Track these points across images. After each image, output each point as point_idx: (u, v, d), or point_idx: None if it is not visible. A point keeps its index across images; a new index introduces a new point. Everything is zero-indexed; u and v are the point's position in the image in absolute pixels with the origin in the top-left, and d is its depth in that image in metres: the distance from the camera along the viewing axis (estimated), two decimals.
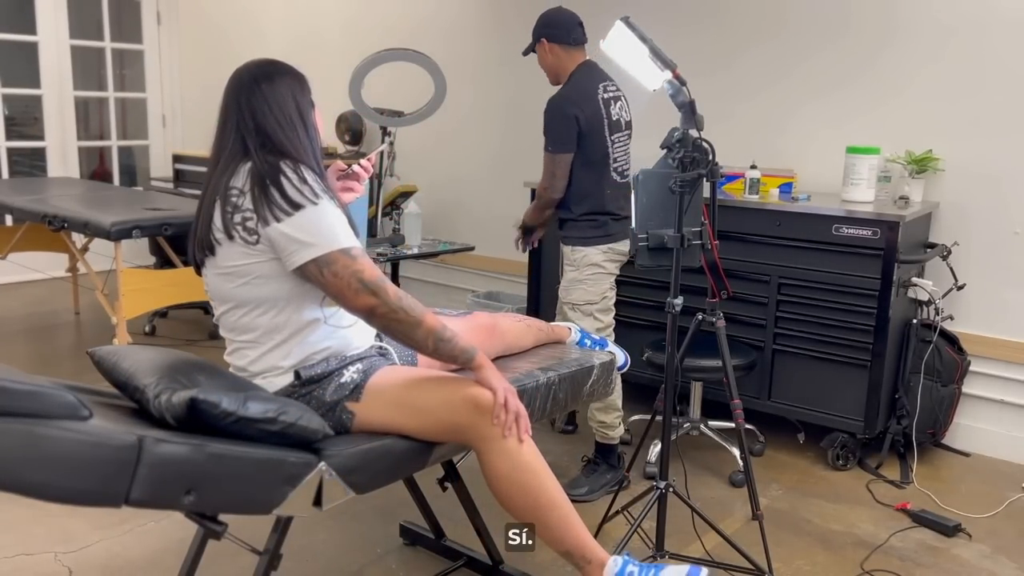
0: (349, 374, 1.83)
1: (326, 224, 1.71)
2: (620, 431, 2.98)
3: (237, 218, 1.72)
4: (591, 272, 2.93)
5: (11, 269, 5.21)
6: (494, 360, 2.23)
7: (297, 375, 1.80)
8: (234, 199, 1.74)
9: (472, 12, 4.73)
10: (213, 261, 1.79)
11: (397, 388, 1.83)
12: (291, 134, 1.81)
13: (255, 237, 1.72)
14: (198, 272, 1.87)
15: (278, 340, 1.81)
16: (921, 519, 2.76)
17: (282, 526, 1.72)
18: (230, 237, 1.74)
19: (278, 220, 1.69)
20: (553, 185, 2.90)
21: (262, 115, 1.80)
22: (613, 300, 3.00)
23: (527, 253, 3.68)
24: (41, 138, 5.98)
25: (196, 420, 1.55)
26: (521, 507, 1.81)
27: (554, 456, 3.21)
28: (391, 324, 1.75)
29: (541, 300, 3.87)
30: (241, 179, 1.75)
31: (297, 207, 1.69)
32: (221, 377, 1.78)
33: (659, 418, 2.32)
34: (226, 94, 1.85)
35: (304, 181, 1.72)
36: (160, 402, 1.58)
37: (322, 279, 1.71)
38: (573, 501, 2.88)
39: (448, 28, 4.80)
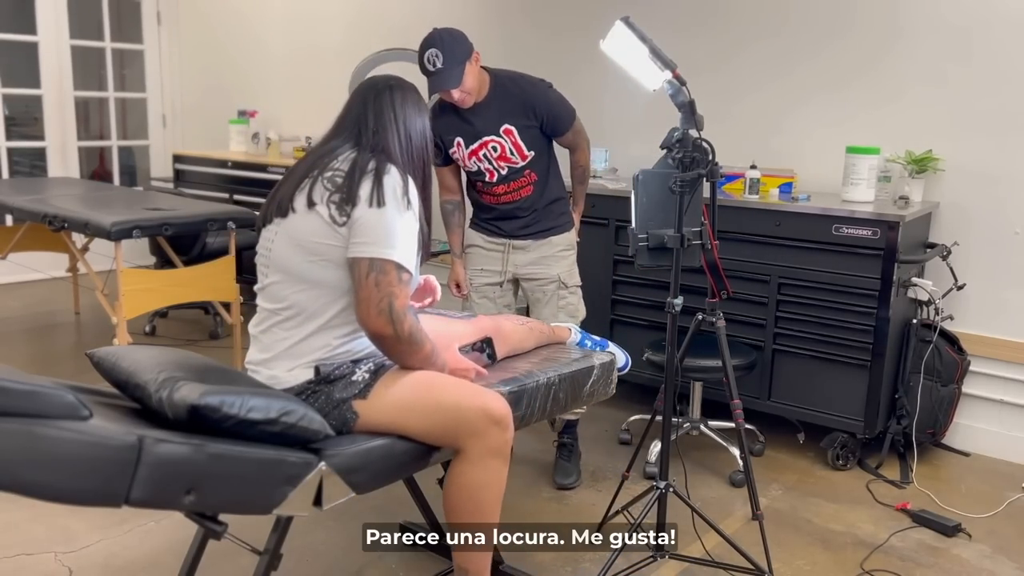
0: (360, 373, 1.85)
1: (404, 236, 1.76)
2: None
3: (335, 197, 1.77)
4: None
5: (11, 269, 5.21)
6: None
7: (317, 371, 1.82)
8: (338, 179, 1.79)
9: (472, 12, 4.73)
10: (286, 227, 1.82)
11: (406, 388, 1.83)
12: (407, 146, 1.88)
13: (344, 219, 1.75)
14: (257, 232, 1.92)
15: (314, 327, 1.82)
16: (921, 519, 2.76)
17: (282, 526, 1.72)
18: (311, 206, 1.78)
19: (370, 206, 1.74)
20: None
21: (387, 119, 1.88)
22: None
23: None
24: (41, 138, 5.98)
25: (197, 424, 1.55)
26: (463, 518, 1.88)
27: (551, 456, 3.20)
28: (387, 350, 1.83)
29: None
30: (348, 164, 1.81)
31: (388, 205, 1.75)
32: (222, 374, 1.78)
33: (659, 418, 2.32)
34: (357, 90, 1.95)
35: (406, 190, 1.78)
36: (161, 397, 1.58)
37: (364, 281, 1.74)
38: (566, 489, 2.94)
39: (451, 26, 4.78)
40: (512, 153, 2.82)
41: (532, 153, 2.84)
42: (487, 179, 2.89)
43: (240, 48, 5.99)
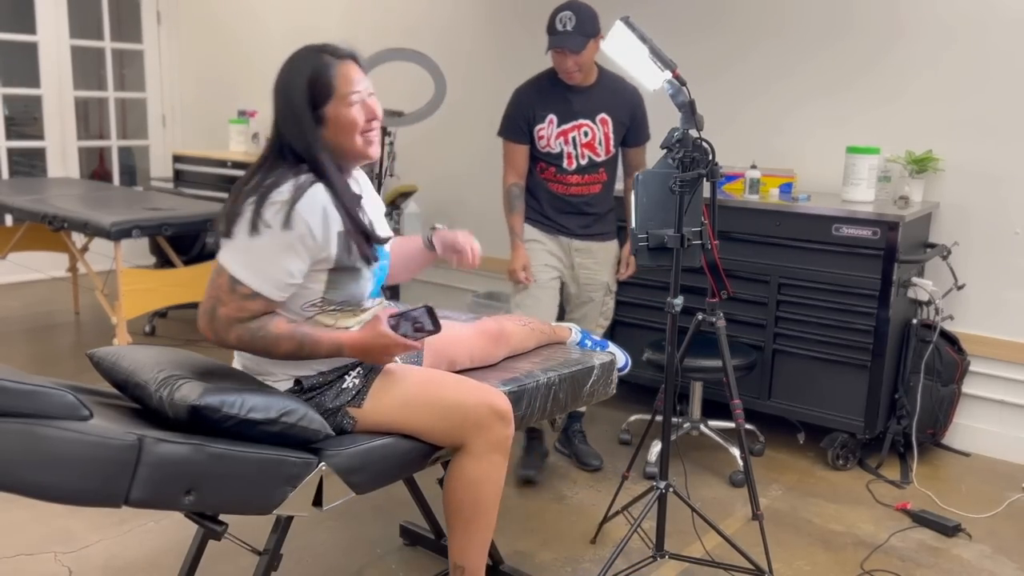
0: (350, 379, 1.82)
1: (262, 256, 1.66)
2: None
3: (228, 218, 1.72)
4: None
5: (11, 269, 5.22)
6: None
7: (298, 382, 1.80)
8: (240, 200, 1.73)
9: (471, 11, 4.73)
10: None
11: (404, 388, 1.82)
12: (292, 128, 1.77)
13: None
14: None
15: None
16: (921, 519, 2.76)
17: (282, 526, 1.72)
18: (225, 231, 1.74)
19: (249, 230, 1.67)
20: None
21: (277, 109, 1.81)
22: None
23: None
24: (41, 138, 5.98)
25: (196, 427, 1.55)
26: (462, 513, 1.86)
27: (555, 456, 3.20)
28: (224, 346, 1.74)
29: None
30: (255, 181, 1.74)
31: (261, 229, 1.66)
32: (222, 374, 1.78)
33: (659, 418, 2.32)
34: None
35: (291, 203, 1.65)
36: (161, 396, 1.58)
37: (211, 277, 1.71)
38: (598, 469, 3.07)
39: (447, 27, 4.80)
40: (600, 144, 2.90)
41: (612, 152, 2.94)
42: (564, 165, 2.92)
43: (240, 48, 5.99)
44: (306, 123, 1.77)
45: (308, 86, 1.77)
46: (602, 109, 2.88)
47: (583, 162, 2.91)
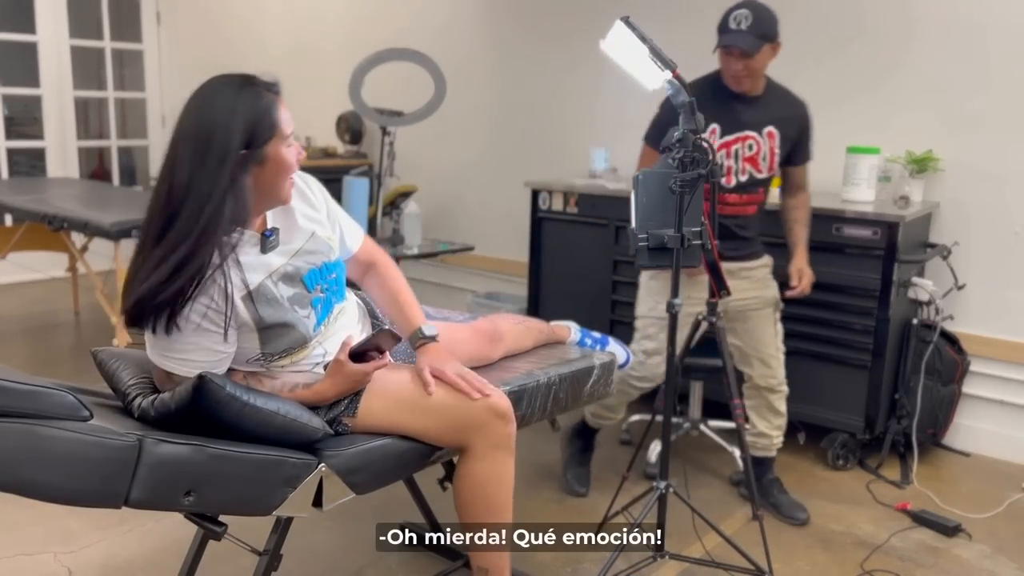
0: None
1: (170, 347, 1.62)
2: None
3: None
4: None
5: (11, 269, 5.21)
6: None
7: None
8: None
9: (472, 12, 4.73)
10: None
11: (397, 390, 1.82)
12: (202, 181, 1.55)
13: None
14: None
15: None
16: (921, 519, 2.76)
17: (282, 527, 1.72)
18: None
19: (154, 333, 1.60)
20: None
21: (182, 157, 1.60)
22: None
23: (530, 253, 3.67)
24: (41, 138, 5.98)
25: (198, 405, 1.54)
26: (475, 515, 1.85)
27: (550, 456, 3.20)
28: None
29: (541, 300, 3.87)
30: None
31: (164, 332, 1.58)
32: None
33: (659, 418, 2.32)
34: None
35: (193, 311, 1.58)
36: (138, 402, 1.59)
37: None
38: (801, 524, 2.81)
39: (447, 27, 4.80)
40: (764, 159, 2.65)
41: (775, 171, 2.70)
42: (723, 182, 2.63)
43: (240, 48, 5.98)
44: (223, 175, 1.55)
45: (246, 127, 1.59)
46: (770, 122, 2.64)
47: (743, 178, 2.65)
